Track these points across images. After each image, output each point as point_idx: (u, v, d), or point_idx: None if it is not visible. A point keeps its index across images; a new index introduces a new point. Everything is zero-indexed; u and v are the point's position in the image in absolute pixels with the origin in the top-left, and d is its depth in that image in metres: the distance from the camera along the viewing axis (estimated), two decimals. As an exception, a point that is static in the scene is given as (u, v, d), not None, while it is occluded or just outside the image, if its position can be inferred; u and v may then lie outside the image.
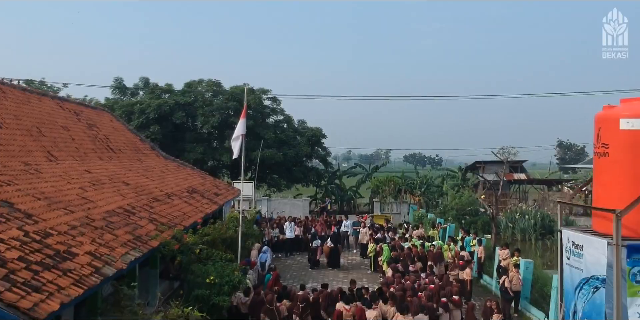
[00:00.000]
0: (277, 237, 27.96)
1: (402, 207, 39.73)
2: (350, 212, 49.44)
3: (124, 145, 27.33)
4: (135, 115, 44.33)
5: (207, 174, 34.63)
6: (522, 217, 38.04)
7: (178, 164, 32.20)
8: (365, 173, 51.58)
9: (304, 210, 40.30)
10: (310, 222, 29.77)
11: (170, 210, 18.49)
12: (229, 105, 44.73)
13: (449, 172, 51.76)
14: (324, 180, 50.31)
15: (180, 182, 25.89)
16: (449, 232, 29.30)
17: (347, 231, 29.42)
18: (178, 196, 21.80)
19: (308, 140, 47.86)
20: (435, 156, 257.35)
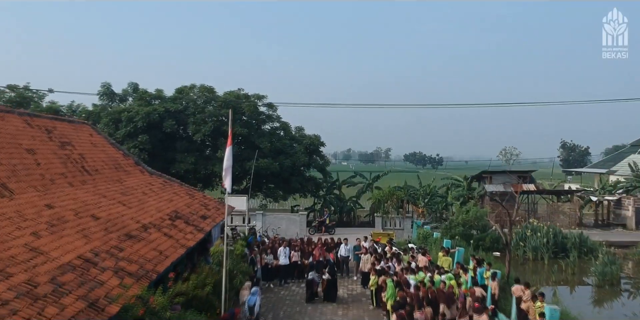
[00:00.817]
0: (271, 264, 25.57)
1: (405, 222, 37.40)
2: (350, 223, 47.19)
3: (103, 163, 24.92)
4: (122, 123, 41.96)
5: (196, 189, 32.25)
6: (534, 234, 35.67)
7: (164, 180, 29.82)
8: (365, 183, 49.24)
9: (301, 225, 37.96)
10: (307, 246, 27.40)
11: (144, 250, 16.09)
12: (222, 113, 42.31)
13: (454, 181, 49.44)
14: (323, 191, 47.96)
15: (164, 205, 23.48)
16: (457, 257, 26.92)
17: (348, 256, 27.04)
18: (157, 227, 19.39)
19: (306, 148, 45.52)
20: (436, 156, 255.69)
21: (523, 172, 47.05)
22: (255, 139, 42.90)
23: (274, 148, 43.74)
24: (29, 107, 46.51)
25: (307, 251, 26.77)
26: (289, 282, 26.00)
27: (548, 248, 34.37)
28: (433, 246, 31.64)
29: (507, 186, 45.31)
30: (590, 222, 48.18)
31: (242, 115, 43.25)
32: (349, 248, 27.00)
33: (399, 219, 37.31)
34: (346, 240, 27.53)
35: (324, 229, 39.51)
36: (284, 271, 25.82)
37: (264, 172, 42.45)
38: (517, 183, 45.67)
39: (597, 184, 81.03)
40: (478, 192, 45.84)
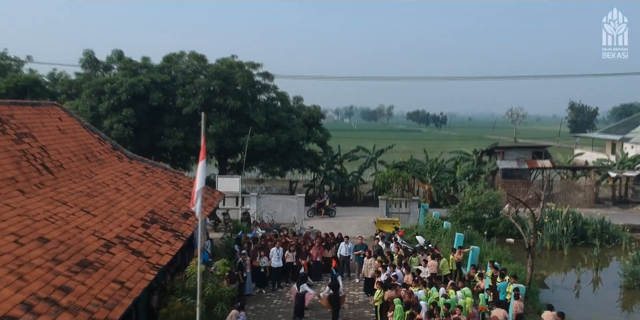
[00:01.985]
0: (265, 267, 22.73)
1: (411, 205, 34.54)
2: (352, 200, 44.40)
3: (71, 155, 21.87)
4: (105, 96, 38.67)
5: (181, 174, 29.29)
6: (551, 220, 32.79)
7: (146, 166, 26.85)
8: (368, 157, 46.16)
9: (299, 208, 35.09)
10: (303, 243, 24.53)
11: (100, 285, 13.15)
12: (213, 84, 38.94)
13: (463, 155, 46.32)
14: (323, 166, 44.95)
15: (139, 205, 20.53)
16: (472, 258, 24.08)
17: (349, 255, 24.20)
18: (125, 241, 16.47)
19: (304, 121, 42.31)
20: (440, 114, 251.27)
21: (538, 147, 43.92)
22: (249, 112, 39.66)
23: (270, 122, 40.54)
24: (6, 76, 43.18)
25: (303, 250, 23.92)
26: (282, 286, 23.23)
27: (567, 236, 31.51)
28: (443, 237, 28.82)
29: (521, 162, 42.28)
30: (608, 199, 45.31)
31: (236, 86, 39.86)
32: (349, 247, 24.16)
33: (404, 201, 34.43)
34: (347, 238, 24.65)
35: (323, 211, 36.68)
36: (276, 274, 23.04)
37: (260, 148, 39.37)
38: (532, 159, 42.59)
39: (609, 151, 78.03)
40: (489, 167, 42.82)
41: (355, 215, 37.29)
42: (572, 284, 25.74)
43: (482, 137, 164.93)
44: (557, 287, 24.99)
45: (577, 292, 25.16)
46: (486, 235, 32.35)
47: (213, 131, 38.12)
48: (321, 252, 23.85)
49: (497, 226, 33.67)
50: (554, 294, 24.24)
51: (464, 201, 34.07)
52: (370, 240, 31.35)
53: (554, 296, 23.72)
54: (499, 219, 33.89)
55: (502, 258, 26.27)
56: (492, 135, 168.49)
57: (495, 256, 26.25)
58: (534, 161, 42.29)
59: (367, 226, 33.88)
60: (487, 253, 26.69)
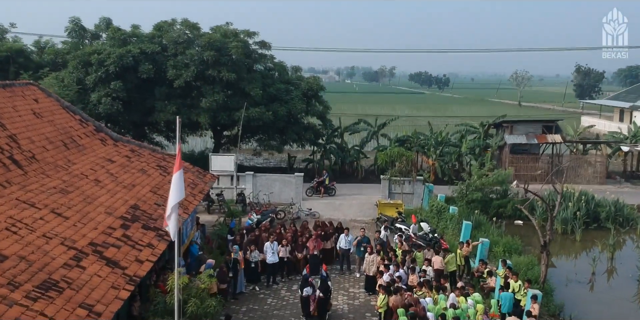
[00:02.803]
0: (256, 262, 21.11)
1: (415, 186, 32.76)
2: (352, 175, 42.71)
3: (47, 142, 20.04)
4: (92, 67, 36.53)
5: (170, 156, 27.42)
6: (563, 202, 31.06)
7: (132, 149, 25.00)
8: (370, 130, 44.18)
9: (297, 188, 33.34)
10: (300, 234, 22.86)
11: (63, 313, 11.50)
12: (206, 55, 36.72)
13: (469, 127, 44.33)
14: (322, 139, 43.05)
15: (120, 199, 18.77)
16: (481, 251, 22.42)
17: (349, 249, 22.53)
18: (99, 249, 14.76)
19: (303, 94, 40.20)
20: (443, 76, 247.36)
21: (549, 121, 41.84)
22: (245, 85, 37.54)
23: (267, 94, 38.45)
24: (-12, 45, 40.96)
25: (300, 243, 22.28)
26: (277, 281, 21.67)
27: (580, 220, 29.84)
28: (449, 223, 27.15)
29: (531, 137, 40.34)
30: (619, 175, 43.54)
31: (231, 57, 37.62)
32: (349, 239, 22.47)
33: (408, 181, 32.69)
34: (347, 230, 22.92)
35: (322, 190, 34.96)
36: (271, 270, 21.45)
37: (256, 122, 37.45)
38: (542, 133, 40.65)
39: (618, 118, 75.96)
40: (496, 142, 40.91)
41: (356, 195, 35.61)
42: (586, 277, 24.16)
43: (485, 99, 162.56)
44: (570, 281, 23.40)
45: (592, 285, 23.63)
46: (494, 217, 30.81)
47: (206, 105, 36.11)
48: (319, 244, 22.21)
49: (505, 208, 32.00)
50: (568, 288, 22.74)
51: (470, 181, 32.32)
52: (373, 224, 29.89)
53: (568, 291, 22.29)
54: (507, 200, 32.23)
55: (512, 249, 24.73)
56: (495, 98, 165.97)
57: (505, 246, 24.71)
58: (543, 136, 40.35)
59: (369, 208, 32.26)
60: (496, 242, 25.09)
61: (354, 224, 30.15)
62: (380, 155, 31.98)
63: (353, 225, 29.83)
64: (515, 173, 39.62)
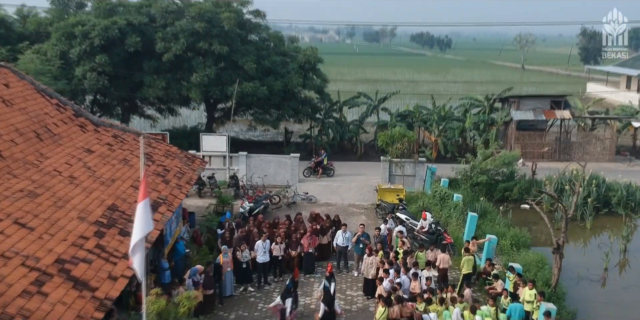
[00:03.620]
0: (247, 262, 19.62)
1: (418, 168, 31.07)
2: (351, 152, 41.09)
3: (15, 135, 18.28)
4: (76, 40, 34.47)
5: (158, 140, 25.75)
6: (572, 186, 29.49)
7: (115, 134, 23.25)
8: (371, 104, 42.25)
9: (292, 169, 31.69)
10: (294, 230, 21.30)
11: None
12: (196, 26, 34.60)
13: (474, 101, 42.45)
14: (320, 114, 41.23)
15: (97, 197, 17.13)
16: (488, 250, 20.92)
17: (347, 246, 21.02)
18: (67, 267, 13.23)
19: (300, 67, 38.21)
20: (445, 37, 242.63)
21: (557, 96, 39.89)
22: (238, 58, 35.55)
23: (262, 67, 36.48)
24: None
25: (294, 239, 20.77)
26: (269, 282, 20.25)
27: (590, 206, 28.30)
28: (453, 211, 25.60)
29: (538, 113, 38.51)
30: (629, 151, 41.86)
31: (223, 28, 35.46)
32: (347, 236, 20.92)
33: (410, 163, 31.01)
34: (345, 226, 21.32)
35: (320, 171, 33.33)
36: (262, 269, 19.99)
37: (250, 98, 35.63)
38: (550, 109, 38.81)
39: (624, 86, 73.85)
40: (502, 117, 39.11)
41: (355, 175, 34.02)
42: (598, 273, 22.71)
43: (488, 62, 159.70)
44: (582, 278, 21.94)
45: (605, 282, 22.23)
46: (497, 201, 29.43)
47: (197, 80, 34.21)
48: (314, 242, 20.72)
49: (511, 191, 30.46)
50: (579, 286, 21.31)
51: (475, 162, 30.72)
52: (372, 209, 28.39)
53: (580, 291, 20.87)
54: (513, 183, 30.65)
55: (520, 242, 23.25)
56: (498, 60, 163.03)
57: (512, 239, 23.23)
58: (551, 111, 38.52)
59: (368, 191, 30.70)
60: (503, 234, 23.62)
61: (352, 209, 28.72)
62: (381, 136, 30.24)
63: (352, 211, 28.43)
64: (521, 150, 38.04)
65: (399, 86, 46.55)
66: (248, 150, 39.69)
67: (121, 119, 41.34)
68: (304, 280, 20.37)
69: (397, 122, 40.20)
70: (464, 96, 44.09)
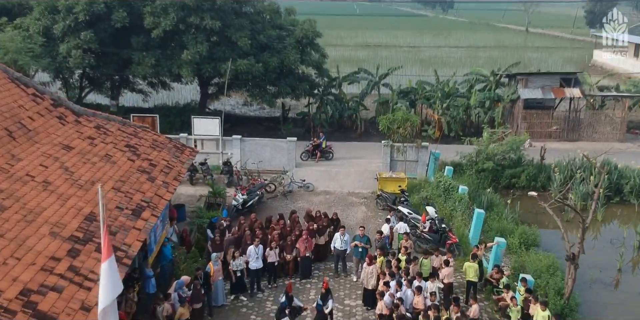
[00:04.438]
0: (241, 270, 18.28)
1: (421, 153, 29.54)
2: (351, 130, 39.55)
3: (-16, 133, 16.79)
4: (60, 15, 32.51)
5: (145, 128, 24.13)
6: (583, 174, 28.08)
7: (98, 124, 21.66)
8: (372, 80, 40.40)
9: (289, 154, 30.20)
10: (289, 230, 19.92)
11: None
12: (186, 0, 32.58)
13: (479, 76, 40.60)
14: (319, 90, 39.49)
15: (73, 205, 15.69)
16: (495, 255, 19.55)
17: (345, 249, 19.67)
18: (33, 298, 11.86)
19: (297, 42, 36.30)
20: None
21: (567, 73, 38.00)
22: (231, 34, 33.62)
23: (257, 43, 34.59)
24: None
25: (289, 242, 19.42)
26: (262, 288, 18.98)
27: (601, 196, 26.84)
28: (458, 205, 24.20)
29: (547, 91, 36.76)
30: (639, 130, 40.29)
31: (214, 1, 33.42)
32: (346, 239, 19.54)
33: (412, 148, 29.46)
34: (343, 229, 19.85)
35: (319, 154, 31.82)
36: (255, 276, 18.70)
37: (244, 76, 33.90)
38: (559, 87, 37.05)
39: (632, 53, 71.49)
40: (508, 95, 37.36)
41: (355, 158, 32.53)
42: (612, 274, 21.45)
43: (491, 24, 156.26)
44: (594, 281, 20.66)
45: (618, 284, 21.01)
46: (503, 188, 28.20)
47: (188, 58, 32.40)
48: (310, 245, 19.40)
49: (518, 178, 29.06)
50: (592, 291, 20.09)
51: (481, 148, 29.23)
52: (372, 199, 27.00)
53: (593, 297, 19.68)
54: (520, 169, 29.21)
55: (529, 240, 21.95)
56: (501, 22, 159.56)
57: (521, 237, 21.93)
58: (561, 89, 36.74)
59: (368, 177, 29.28)
60: (511, 232, 22.33)
61: (352, 198, 27.34)
62: (382, 120, 28.63)
63: (351, 200, 27.06)
64: (528, 129, 36.52)
65: (400, 52, 44.49)
66: (243, 127, 38.34)
67: (111, 95, 39.67)
68: (299, 286, 19.16)
69: (399, 99, 38.53)
70: (469, 72, 42.14)
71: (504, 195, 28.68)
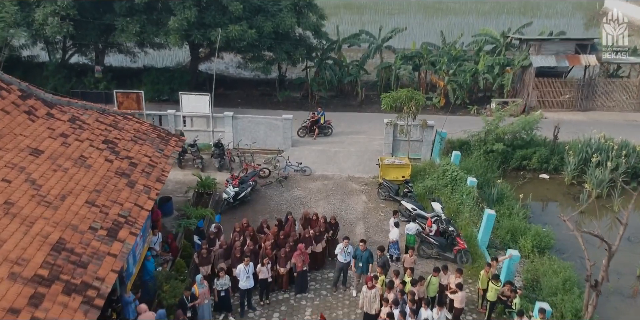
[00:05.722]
0: (227, 290, 16.72)
1: (425, 133, 27.45)
2: (352, 96, 37.40)
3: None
4: (33, -23, 29.75)
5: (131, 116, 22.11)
6: (599, 157, 26.19)
7: (71, 119, 19.64)
8: (374, 43, 37.75)
9: (284, 133, 28.18)
10: (283, 238, 18.13)
11: None
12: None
13: (488, 38, 37.92)
14: (317, 54, 37.03)
15: (38, 232, 13.91)
16: (508, 270, 17.88)
17: (348, 262, 17.94)
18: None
19: (293, 4, 33.57)
20: None
21: (583, 39, 35.33)
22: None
23: (250, 6, 31.90)
24: None
25: (283, 255, 17.75)
26: (254, 306, 17.45)
27: (618, 183, 25.05)
28: (465, 198, 22.42)
29: (561, 58, 34.34)
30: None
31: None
32: (349, 250, 17.84)
33: (417, 127, 27.39)
34: (347, 240, 17.97)
35: (317, 130, 29.83)
36: (245, 294, 17.14)
37: (237, 44, 31.48)
38: (575, 53, 34.60)
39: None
40: (519, 60, 34.95)
41: (356, 134, 30.65)
42: (630, 280, 19.91)
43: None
44: (612, 292, 19.09)
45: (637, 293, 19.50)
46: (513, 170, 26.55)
47: (175, 26, 29.87)
48: (306, 259, 17.75)
49: (529, 160, 27.24)
50: (610, 304, 18.64)
51: (491, 127, 27.27)
52: (373, 185, 25.19)
53: (610, 311, 18.19)
54: (532, 151, 27.35)
55: (542, 242, 20.31)
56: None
57: (534, 239, 20.28)
58: (576, 56, 34.28)
59: (369, 158, 27.51)
60: (524, 232, 20.67)
61: (352, 185, 25.54)
62: (385, 99, 26.45)
63: (351, 188, 25.27)
64: (539, 99, 34.41)
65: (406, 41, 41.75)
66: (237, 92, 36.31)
67: (95, 61, 37.24)
68: (293, 302, 17.67)
69: (402, 64, 36.16)
70: (478, 33, 39.45)
71: (513, 178, 27.03)
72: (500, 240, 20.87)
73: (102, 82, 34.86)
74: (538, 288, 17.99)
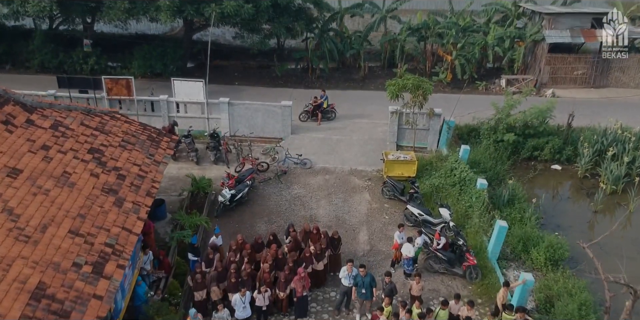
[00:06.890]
0: (223, 319, 15.76)
1: (432, 121, 25.93)
2: (355, 69, 35.70)
3: None
4: (12, -50, 27.60)
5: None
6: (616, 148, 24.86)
7: (54, 124, 18.24)
8: (378, 13, 35.60)
9: (284, 120, 26.69)
10: (281, 257, 16.92)
11: None
12: None
13: (498, 7, 35.71)
14: (318, 26, 35.05)
15: (16, 277, 12.77)
16: (521, 295, 16.78)
17: (352, 286, 16.74)
18: None
19: (293, -26, 31.47)
20: None
21: (599, 13, 33.11)
22: (216, -29, 28.87)
23: (246, -21, 29.86)
24: None
25: (282, 279, 16.66)
26: (252, 334, 16.56)
27: (636, 180, 23.77)
28: (475, 201, 21.21)
29: (576, 33, 32.43)
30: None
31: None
32: (354, 274, 16.73)
33: (422, 115, 25.84)
34: (351, 263, 16.78)
35: (319, 115, 28.32)
36: (243, 322, 16.20)
37: (232, 20, 29.63)
38: (590, 28, 32.67)
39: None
40: (531, 34, 33.03)
41: (358, 118, 29.25)
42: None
43: None
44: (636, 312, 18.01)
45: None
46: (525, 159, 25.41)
47: (166, 3, 27.95)
48: (307, 284, 16.70)
49: (541, 150, 25.92)
50: None
51: (501, 116, 25.82)
52: (376, 179, 23.96)
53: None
54: (544, 141, 25.97)
55: (556, 253, 19.14)
56: None
57: (547, 250, 19.14)
58: (592, 31, 32.38)
59: (372, 149, 26.21)
60: (537, 242, 19.53)
61: (354, 180, 24.26)
62: (390, 87, 24.82)
63: (354, 183, 24.02)
64: (551, 75, 32.74)
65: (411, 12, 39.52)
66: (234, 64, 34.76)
67: (83, 32, 35.27)
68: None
69: (408, 36, 34.28)
70: (488, 2, 37.29)
71: (524, 169, 25.78)
72: (511, 250, 19.80)
73: (91, 57, 33.13)
74: (552, 312, 16.98)
